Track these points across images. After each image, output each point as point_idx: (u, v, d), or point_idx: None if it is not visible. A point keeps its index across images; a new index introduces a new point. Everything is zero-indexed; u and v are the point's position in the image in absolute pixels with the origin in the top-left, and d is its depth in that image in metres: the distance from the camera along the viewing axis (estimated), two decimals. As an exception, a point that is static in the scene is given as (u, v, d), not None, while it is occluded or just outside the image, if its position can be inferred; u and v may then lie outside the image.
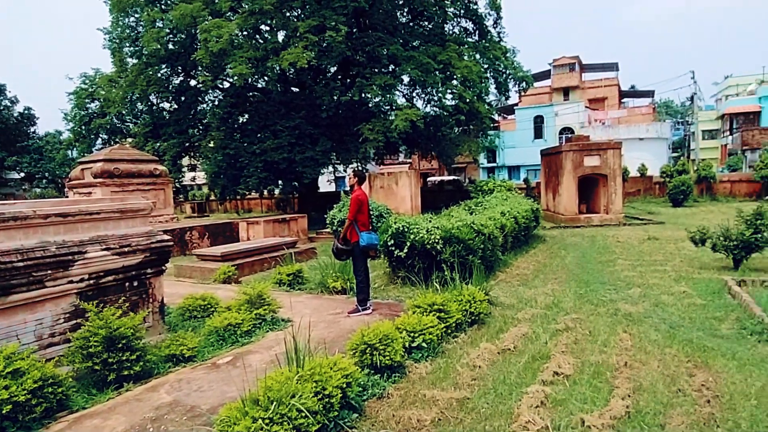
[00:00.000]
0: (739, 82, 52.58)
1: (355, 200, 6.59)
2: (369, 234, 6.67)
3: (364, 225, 6.68)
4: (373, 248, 6.78)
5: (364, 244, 6.59)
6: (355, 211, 6.58)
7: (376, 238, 6.76)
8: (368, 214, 6.82)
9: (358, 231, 6.61)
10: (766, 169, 22.08)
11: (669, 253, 10.11)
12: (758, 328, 5.09)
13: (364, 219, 6.69)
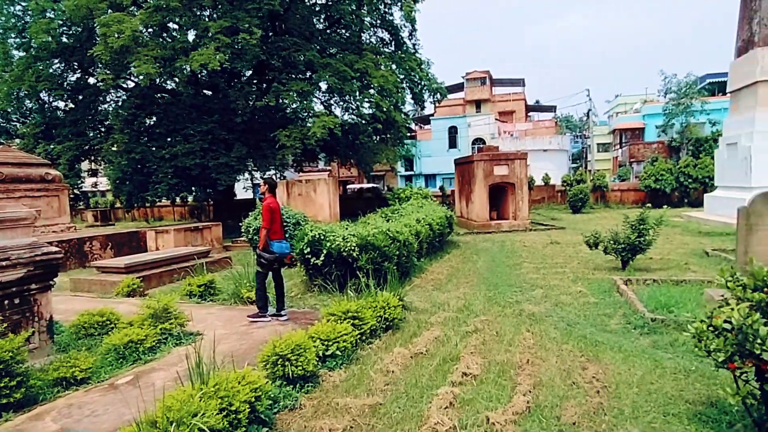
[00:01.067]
0: (627, 100, 58.09)
1: (267, 209, 6.50)
2: (280, 243, 6.61)
3: (275, 233, 6.61)
4: (284, 257, 6.71)
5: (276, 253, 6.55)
6: (268, 219, 6.48)
7: (287, 246, 6.71)
8: (281, 223, 6.74)
9: (268, 240, 6.55)
10: (649, 179, 24.49)
11: (568, 256, 10.89)
12: (640, 322, 5.62)
13: (275, 227, 6.61)
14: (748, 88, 15.91)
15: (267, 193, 6.78)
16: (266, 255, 6.54)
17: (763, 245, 6.02)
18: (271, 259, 6.56)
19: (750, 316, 2.97)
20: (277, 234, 6.64)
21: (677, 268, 8.96)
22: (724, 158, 17.08)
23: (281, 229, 6.74)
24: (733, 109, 17.23)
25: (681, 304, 6.16)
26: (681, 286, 7.22)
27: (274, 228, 6.58)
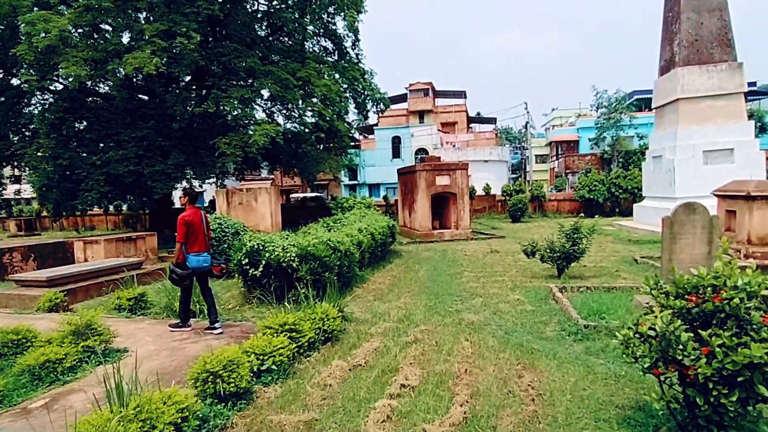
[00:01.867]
0: (563, 114, 60.91)
1: (181, 221, 6.28)
2: (197, 256, 6.40)
3: (194, 246, 6.41)
4: (204, 271, 6.51)
5: (191, 267, 6.35)
6: (183, 232, 6.28)
7: (206, 260, 6.49)
8: (203, 234, 6.50)
9: (185, 253, 6.34)
10: (583, 190, 25.67)
11: (507, 265, 11.14)
12: (574, 329, 5.79)
13: (194, 241, 6.39)
14: (670, 105, 17.03)
15: (187, 204, 6.57)
16: (178, 271, 6.32)
17: (685, 253, 6.37)
18: (183, 275, 6.34)
19: (672, 322, 3.09)
20: (196, 247, 6.41)
21: (609, 275, 9.36)
22: (651, 170, 18.16)
23: (203, 241, 6.51)
24: (658, 124, 18.38)
25: (612, 310, 6.41)
26: (612, 292, 7.53)
27: (192, 241, 6.37)
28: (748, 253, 8.70)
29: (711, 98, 16.05)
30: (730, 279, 3.24)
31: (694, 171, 15.66)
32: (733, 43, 16.25)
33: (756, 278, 3.19)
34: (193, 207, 6.56)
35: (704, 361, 2.94)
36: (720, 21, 16.28)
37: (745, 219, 8.93)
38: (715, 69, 15.99)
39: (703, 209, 6.40)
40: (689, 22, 16.31)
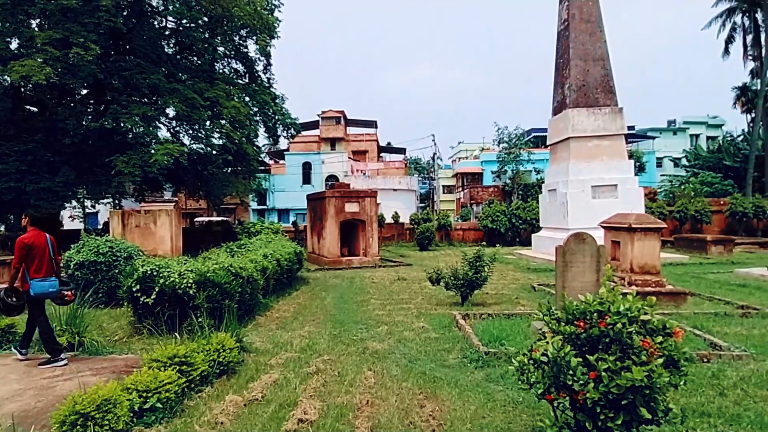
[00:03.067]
0: (468, 147, 64.21)
1: (20, 244, 5.78)
2: (42, 282, 5.88)
3: (38, 272, 5.87)
4: (48, 297, 6.00)
5: (34, 294, 5.82)
6: (20, 257, 5.76)
7: (52, 285, 5.97)
8: (48, 258, 5.98)
9: (29, 279, 5.81)
10: (486, 220, 26.94)
11: (414, 292, 11.23)
12: (476, 356, 5.86)
13: (38, 265, 5.87)
14: (562, 143, 18.48)
15: (29, 226, 6.08)
16: (7, 300, 5.79)
17: (576, 280, 6.75)
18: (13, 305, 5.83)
19: (563, 348, 3.17)
20: (42, 272, 5.89)
21: (509, 302, 9.73)
22: (547, 202, 19.48)
23: (49, 266, 6.00)
24: (552, 160, 19.86)
25: (511, 336, 6.60)
26: (512, 319, 7.80)
27: (35, 266, 5.86)
28: (631, 280, 9.46)
29: (597, 138, 17.65)
30: (614, 305, 3.41)
31: (584, 204, 16.99)
32: (615, 90, 18.11)
33: (636, 304, 3.39)
34: (36, 229, 6.05)
35: (592, 385, 3.03)
36: (603, 69, 18.10)
37: (627, 249, 9.74)
38: (600, 112, 17.66)
39: (592, 239, 6.86)
40: (577, 68, 17.96)
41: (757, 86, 36.23)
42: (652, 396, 3.03)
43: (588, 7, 18.16)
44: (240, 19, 19.62)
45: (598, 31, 18.15)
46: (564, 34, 18.60)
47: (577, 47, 18.00)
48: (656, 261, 9.65)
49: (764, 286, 10.93)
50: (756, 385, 4.86)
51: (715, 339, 6.34)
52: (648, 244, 9.63)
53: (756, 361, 5.60)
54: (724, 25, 36.88)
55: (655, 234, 9.67)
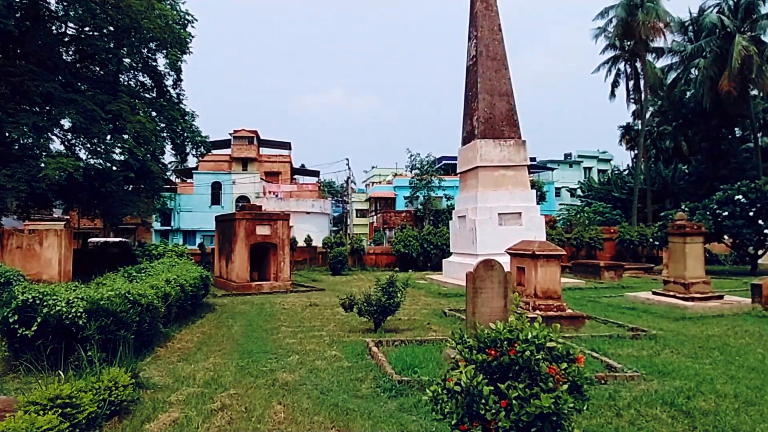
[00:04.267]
0: (381, 172, 65.38)
1: None
2: None
3: None
4: None
5: None
6: None
7: None
8: None
9: None
10: (399, 244, 27.35)
11: (326, 319, 11.00)
12: (389, 385, 5.79)
13: None
14: (472, 171, 19.33)
15: None
16: None
17: (485, 306, 6.95)
18: None
19: (476, 377, 3.19)
20: None
21: (421, 328, 9.81)
22: (457, 228, 20.16)
23: None
24: (462, 187, 20.68)
25: (424, 364, 6.62)
26: (424, 345, 7.84)
27: None
28: (535, 305, 9.95)
29: (503, 168, 18.67)
30: (522, 333, 3.51)
31: (491, 230, 17.77)
32: (518, 124, 19.36)
33: (542, 331, 3.51)
34: None
35: (503, 414, 3.07)
36: (508, 104, 19.32)
37: (531, 275, 10.26)
38: (505, 143, 18.74)
39: (500, 266, 7.12)
40: (485, 102, 19.01)
41: (639, 126, 40.76)
42: (559, 422, 3.13)
43: (494, 46, 19.39)
44: (149, 32, 18.65)
45: (503, 69, 19.40)
46: (473, 69, 19.66)
47: (485, 82, 19.08)
48: (557, 286, 10.24)
49: (650, 309, 11.96)
50: (647, 404, 5.23)
51: (611, 361, 6.77)
52: (550, 270, 10.20)
53: (646, 381, 6.03)
54: (610, 70, 41.27)
55: (556, 261, 10.28)
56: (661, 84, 40.67)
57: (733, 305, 11.96)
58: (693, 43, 37.82)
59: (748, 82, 33.78)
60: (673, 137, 43.54)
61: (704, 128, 39.77)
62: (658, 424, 4.73)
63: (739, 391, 5.64)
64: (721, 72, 33.54)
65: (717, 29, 34.89)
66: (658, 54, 39.85)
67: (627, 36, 37.29)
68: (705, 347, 7.97)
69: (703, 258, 12.97)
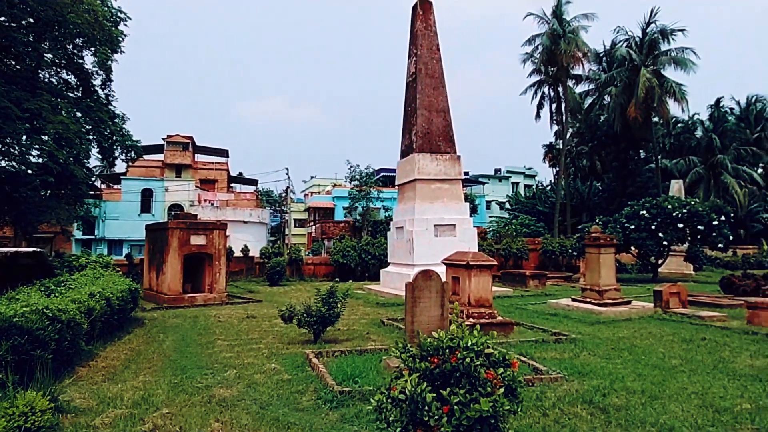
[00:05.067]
0: (321, 182, 65.16)
1: None
2: None
3: None
4: None
5: None
6: None
7: None
8: None
9: None
10: (337, 255, 27.26)
11: (264, 331, 10.77)
12: (330, 396, 5.76)
13: None
14: (410, 184, 19.70)
15: None
16: None
17: (424, 315, 7.10)
18: None
19: (420, 385, 3.28)
20: None
21: (360, 338, 9.84)
22: (395, 239, 20.41)
23: None
24: (400, 199, 21.00)
25: (364, 373, 6.65)
26: (364, 355, 7.87)
27: None
28: (469, 313, 10.26)
29: (440, 181, 19.19)
30: (462, 340, 3.65)
31: (428, 241, 18.16)
32: (454, 139, 20.00)
33: (481, 339, 3.67)
34: None
35: (446, 419, 3.17)
36: (445, 120, 19.91)
37: (466, 284, 10.58)
38: (442, 158, 19.28)
39: (438, 276, 7.31)
40: (423, 117, 19.49)
41: (560, 146, 43.87)
42: (496, 425, 3.27)
43: (432, 65, 20.00)
44: (76, 27, 17.60)
45: (441, 86, 20.02)
46: (412, 85, 20.12)
47: (423, 99, 19.58)
48: (489, 295, 10.65)
49: (570, 315, 12.71)
50: (569, 403, 5.57)
51: (537, 364, 7.14)
52: (483, 279, 10.59)
53: (568, 381, 6.43)
54: (536, 93, 44.18)
55: (488, 270, 10.69)
56: (580, 108, 44.53)
57: (639, 310, 13.00)
58: (606, 72, 42.10)
59: (651, 110, 38.05)
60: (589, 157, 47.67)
61: (615, 150, 44.13)
62: (579, 420, 5.05)
63: (645, 387, 6.16)
64: (629, 100, 37.48)
65: (626, 61, 39.17)
66: (577, 80, 43.65)
67: (551, 62, 40.45)
68: (617, 348, 8.63)
69: (614, 267, 14.03)
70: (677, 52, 38.13)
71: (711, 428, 4.84)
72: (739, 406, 5.42)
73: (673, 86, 37.66)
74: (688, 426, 4.87)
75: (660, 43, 38.68)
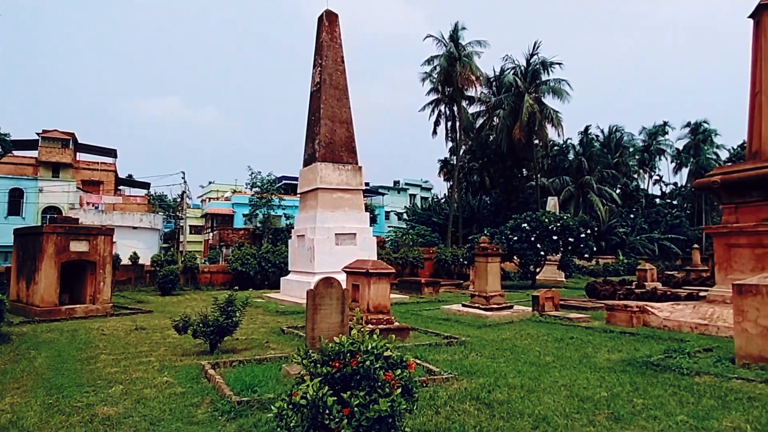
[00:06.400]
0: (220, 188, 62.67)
1: None
2: None
3: None
4: None
5: None
6: None
7: None
8: None
9: None
10: (236, 263, 26.39)
11: (155, 343, 10.19)
12: (227, 407, 5.66)
13: None
14: (312, 192, 19.73)
15: None
16: None
17: (324, 322, 7.21)
18: None
19: (321, 389, 3.41)
20: None
21: (260, 347, 9.69)
22: (296, 247, 20.27)
23: None
24: (302, 207, 20.95)
25: (264, 382, 6.60)
26: (263, 364, 7.79)
27: None
28: (368, 319, 10.52)
29: (341, 191, 19.47)
30: (363, 344, 3.84)
31: (329, 249, 18.30)
32: (356, 150, 20.43)
33: (380, 342, 3.89)
34: None
35: (346, 421, 3.33)
36: (347, 131, 20.28)
37: (365, 291, 10.86)
38: (344, 168, 19.59)
39: (338, 283, 7.48)
40: (326, 127, 19.69)
41: (454, 161, 46.85)
42: (394, 423, 3.49)
43: (337, 76, 20.31)
44: None
45: (344, 98, 20.38)
46: (316, 95, 20.24)
47: (327, 109, 19.79)
48: (387, 301, 11.04)
49: (460, 319, 13.58)
50: (459, 401, 6.01)
51: (431, 366, 7.58)
52: (381, 287, 10.95)
53: (458, 381, 6.92)
54: (433, 111, 46.80)
55: (386, 278, 11.09)
56: (472, 127, 48.29)
57: (520, 313, 14.24)
58: (496, 96, 46.49)
59: (533, 133, 42.62)
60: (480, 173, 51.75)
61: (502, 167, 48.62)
62: (467, 416, 5.48)
63: (524, 383, 6.81)
64: (515, 122, 41.52)
65: (513, 87, 43.40)
66: (470, 101, 47.10)
67: (447, 83, 43.26)
68: (500, 349, 9.41)
69: (500, 275, 15.24)
70: (555, 83, 43.00)
71: (576, 415, 5.49)
72: (599, 395, 6.19)
73: (551, 113, 42.29)
74: (558, 414, 5.47)
75: (541, 73, 43.14)
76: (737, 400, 5.92)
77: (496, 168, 49.33)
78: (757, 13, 12.26)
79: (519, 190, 49.45)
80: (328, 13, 20.68)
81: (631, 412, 5.57)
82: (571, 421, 5.29)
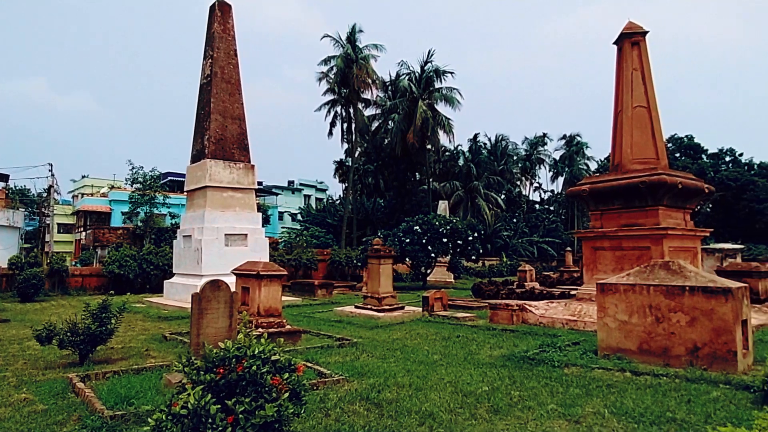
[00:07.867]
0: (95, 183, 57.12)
1: None
2: None
3: None
4: None
5: None
6: None
7: None
8: None
9: None
10: (113, 265, 24.24)
11: (12, 356, 9.07)
12: (98, 423, 5.21)
13: None
14: (200, 190, 18.80)
15: None
16: None
17: (211, 327, 6.94)
18: None
19: (204, 397, 3.31)
20: None
21: (138, 355, 9.05)
22: (181, 248, 19.17)
23: None
24: (189, 206, 19.86)
25: (142, 393, 6.19)
26: (142, 374, 7.29)
27: None
28: (258, 322, 10.29)
29: (232, 190, 18.79)
30: (250, 349, 3.79)
31: (218, 251, 17.57)
32: (249, 148, 19.85)
33: (268, 347, 3.87)
34: None
35: (230, 429, 3.27)
36: (240, 128, 19.64)
37: (256, 294, 10.61)
38: (235, 166, 18.93)
39: (227, 286, 7.24)
40: (217, 122, 18.89)
41: (350, 163, 47.48)
42: (281, 428, 3.49)
43: (230, 70, 19.56)
44: None
45: (237, 93, 19.69)
46: (206, 88, 19.33)
47: (218, 104, 18.99)
48: (279, 304, 10.89)
49: (353, 321, 13.75)
50: (349, 402, 6.11)
51: (322, 368, 7.61)
52: (273, 289, 10.78)
53: (349, 382, 7.02)
54: (329, 111, 46.99)
55: (278, 280, 10.94)
56: (368, 129, 49.24)
57: (411, 314, 14.79)
58: (391, 100, 47.97)
59: (426, 138, 44.68)
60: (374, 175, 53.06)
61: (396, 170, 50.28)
62: (357, 417, 5.61)
63: (412, 381, 7.11)
64: (409, 127, 43.17)
65: (407, 93, 45.15)
66: (366, 104, 48.02)
67: (344, 84, 43.71)
68: (391, 349, 9.70)
69: (392, 276, 15.73)
70: (447, 91, 45.13)
71: (460, 410, 5.85)
72: (480, 389, 6.65)
73: (443, 119, 44.41)
74: (443, 410, 5.80)
75: (435, 80, 45.18)
76: (598, 387, 6.70)
77: (390, 171, 50.63)
78: (619, 40, 13.94)
79: (412, 194, 51.22)
80: (221, 3, 19.85)
81: (508, 404, 6.05)
82: (455, 416, 5.63)
